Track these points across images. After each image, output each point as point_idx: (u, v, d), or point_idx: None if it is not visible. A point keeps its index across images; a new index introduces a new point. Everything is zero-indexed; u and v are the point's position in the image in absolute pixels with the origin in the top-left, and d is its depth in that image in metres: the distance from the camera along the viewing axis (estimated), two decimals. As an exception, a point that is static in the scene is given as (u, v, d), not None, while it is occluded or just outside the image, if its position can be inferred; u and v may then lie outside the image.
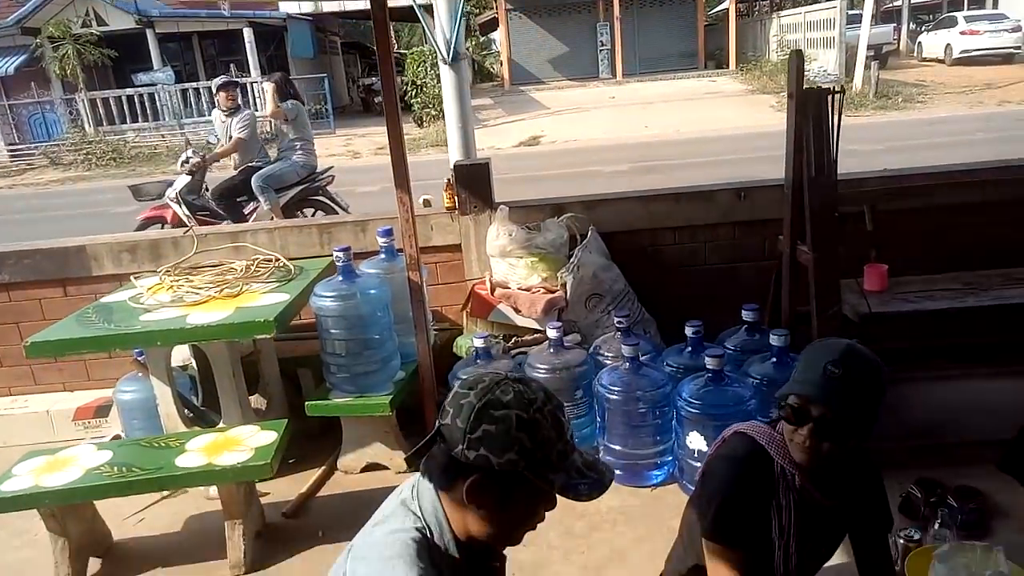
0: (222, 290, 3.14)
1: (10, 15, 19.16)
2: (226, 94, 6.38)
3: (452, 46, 3.85)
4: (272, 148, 6.87)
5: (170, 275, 3.28)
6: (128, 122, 17.45)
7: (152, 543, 2.94)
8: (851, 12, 18.51)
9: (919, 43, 23.15)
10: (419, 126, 16.60)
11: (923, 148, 9.88)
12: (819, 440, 1.67)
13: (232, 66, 18.29)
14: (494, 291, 3.60)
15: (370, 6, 2.96)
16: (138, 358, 3.36)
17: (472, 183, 3.73)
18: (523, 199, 3.97)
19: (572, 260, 3.55)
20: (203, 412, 3.43)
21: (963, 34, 20.25)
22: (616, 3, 22.41)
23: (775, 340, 2.96)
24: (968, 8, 25.97)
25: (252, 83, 17.02)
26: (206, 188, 6.37)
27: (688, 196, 3.87)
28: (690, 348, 3.18)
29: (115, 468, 2.66)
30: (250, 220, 5.96)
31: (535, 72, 23.86)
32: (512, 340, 3.51)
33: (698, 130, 13.69)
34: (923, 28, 25.75)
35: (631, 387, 2.97)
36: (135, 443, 2.97)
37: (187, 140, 8.48)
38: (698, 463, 2.72)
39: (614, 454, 3.07)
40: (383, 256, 3.43)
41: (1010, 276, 3.35)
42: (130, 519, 3.08)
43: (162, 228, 5.94)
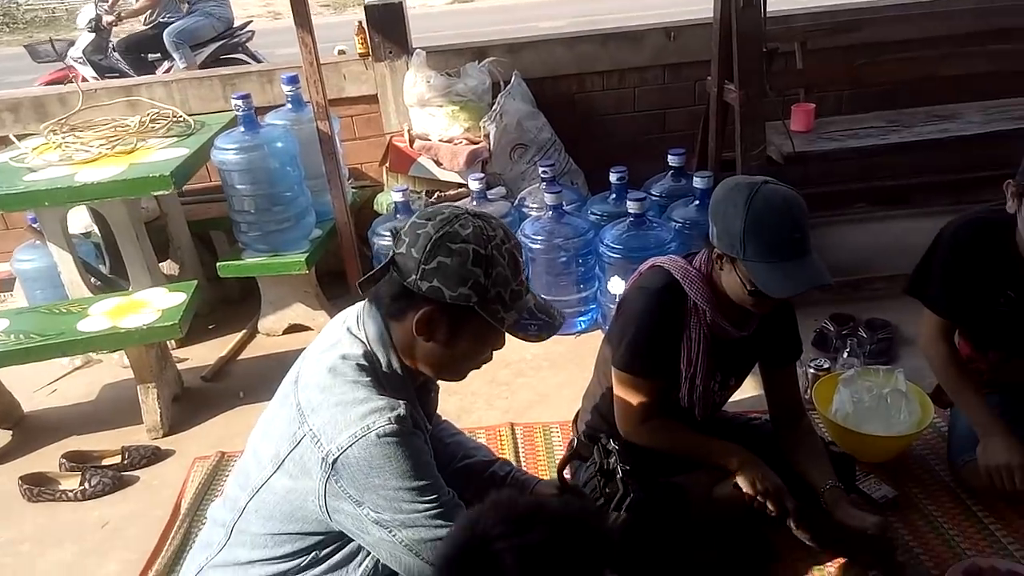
0: (114, 146, 2.91)
1: None
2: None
3: None
4: (183, 1, 6.32)
5: (55, 132, 3.01)
6: (20, -19, 15.84)
7: (65, 412, 2.85)
8: None
9: None
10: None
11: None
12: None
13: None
14: (413, 143, 3.42)
15: None
16: (32, 224, 3.14)
17: (385, 25, 3.46)
18: (441, 43, 3.71)
19: (495, 108, 3.38)
20: (111, 280, 3.27)
21: None
22: None
23: (698, 183, 2.92)
24: None
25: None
26: (113, 48, 5.86)
27: (616, 37, 3.67)
28: (614, 195, 3.11)
29: (12, 336, 2.53)
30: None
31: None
32: (434, 195, 3.38)
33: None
34: None
35: (553, 235, 2.91)
36: (34, 310, 2.83)
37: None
38: (619, 307, 2.72)
39: (539, 304, 3.05)
40: (289, 107, 3.20)
41: (933, 113, 3.32)
42: (42, 390, 2.98)
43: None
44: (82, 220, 3.34)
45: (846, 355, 2.50)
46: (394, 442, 1.30)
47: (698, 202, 2.92)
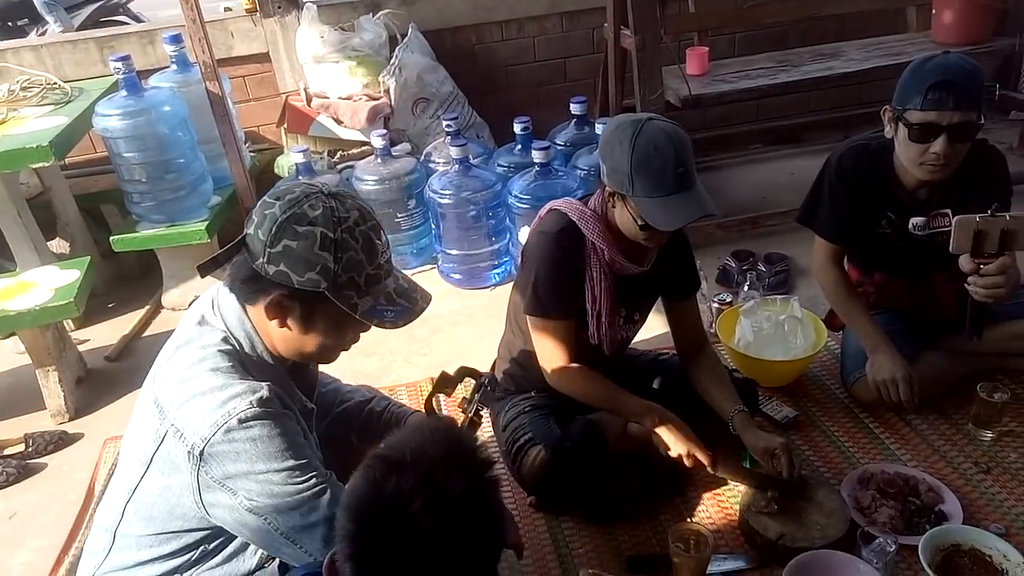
0: (-19, 119, 2.70)
1: None
2: None
3: None
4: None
5: (-89, 106, 2.76)
6: None
7: (-39, 404, 2.69)
8: None
9: None
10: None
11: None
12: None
13: None
14: (311, 102, 3.31)
15: None
16: None
17: (272, -22, 3.31)
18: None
19: (393, 62, 3.30)
20: (-7, 261, 3.07)
21: None
22: None
23: (600, 130, 2.95)
24: None
25: None
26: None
27: (513, -14, 3.64)
28: (520, 146, 3.12)
29: None
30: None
31: None
32: (337, 154, 3.30)
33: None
34: None
35: (461, 189, 2.90)
36: (-91, 299, 2.62)
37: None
38: (531, 257, 2.76)
39: (452, 259, 3.05)
40: (174, 68, 3.04)
41: (818, 52, 3.46)
42: (-71, 384, 2.80)
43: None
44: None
45: (747, 288, 2.62)
46: (258, 425, 1.26)
47: (601, 149, 2.96)
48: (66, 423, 2.52)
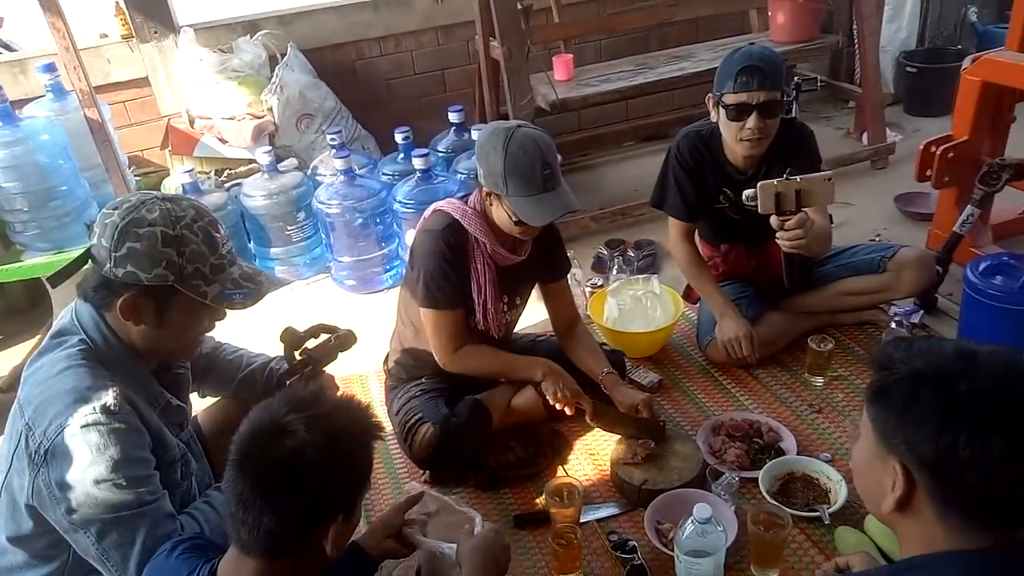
0: None
1: None
2: None
3: None
4: None
5: None
6: None
7: None
8: None
9: None
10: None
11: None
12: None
13: None
14: (194, 124, 3.38)
15: None
16: None
17: (146, 5, 3.35)
18: (208, 20, 3.65)
19: (274, 81, 3.41)
20: None
21: None
22: None
23: (476, 135, 3.15)
24: None
25: None
26: None
27: (387, 3, 3.78)
28: (402, 154, 3.28)
29: None
30: None
31: None
32: (224, 173, 3.37)
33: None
34: None
35: (347, 198, 3.04)
36: None
37: None
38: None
39: (344, 267, 3.18)
40: (50, 96, 3.05)
41: (673, 55, 3.78)
42: None
43: None
44: None
45: (615, 272, 2.87)
46: (96, 431, 1.30)
47: (478, 153, 3.16)
48: (-40, 456, 2.51)
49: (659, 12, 3.80)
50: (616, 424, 2.10)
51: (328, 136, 3.27)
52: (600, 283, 2.78)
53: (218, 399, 1.95)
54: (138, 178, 3.41)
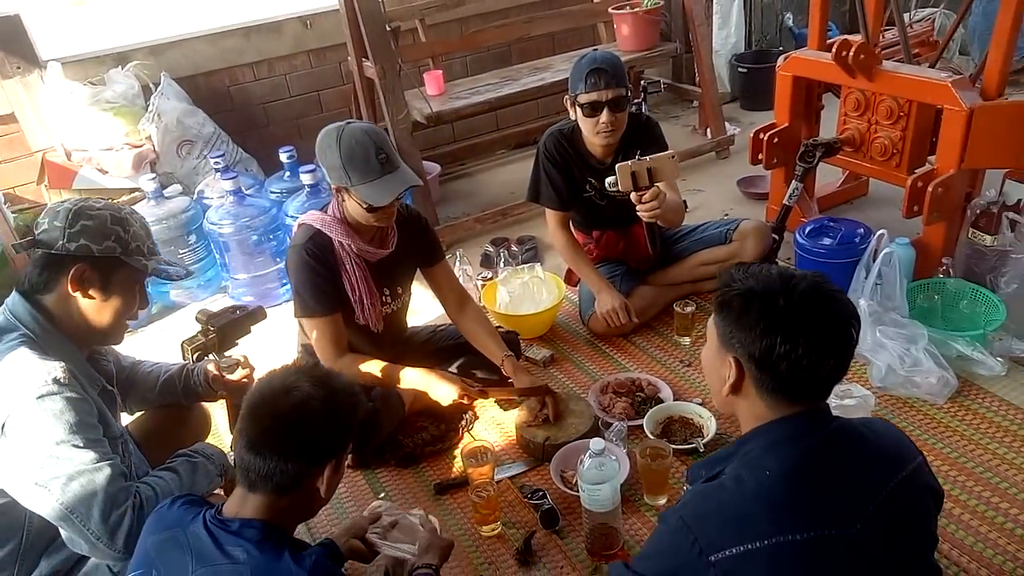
0: None
1: None
2: None
3: None
4: None
5: None
6: None
7: None
8: None
9: None
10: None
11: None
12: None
13: None
14: (71, 157, 3.36)
15: None
16: None
17: (5, 41, 3.30)
18: (75, 53, 3.63)
19: (151, 110, 3.45)
20: None
21: None
22: None
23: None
24: None
25: None
26: None
27: (257, 30, 3.90)
28: (288, 172, 3.41)
29: None
30: None
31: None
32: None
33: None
34: None
35: (239, 217, 3.14)
36: None
37: None
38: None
39: (241, 283, 3.27)
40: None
41: (534, 67, 4.11)
42: None
43: None
44: None
45: (503, 266, 3.14)
46: (50, 400, 1.44)
47: (363, 166, 3.34)
48: None
49: (517, 29, 4.13)
50: (509, 391, 2.32)
51: (212, 160, 3.36)
52: (490, 276, 3.04)
53: (143, 412, 2.05)
54: (14, 214, 3.34)
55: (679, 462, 2.14)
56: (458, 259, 3.06)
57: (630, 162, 2.34)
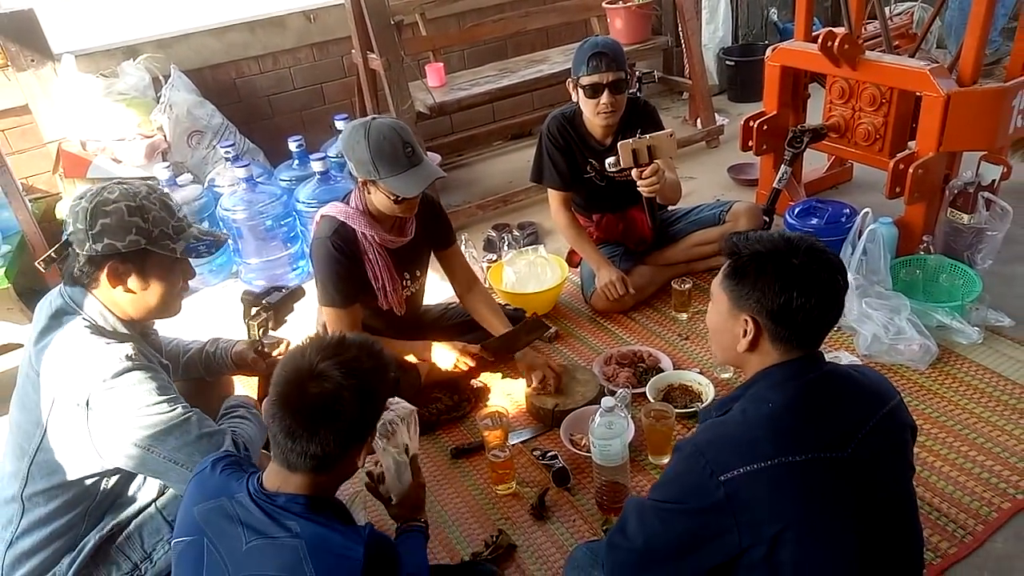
0: None
1: None
2: None
3: None
4: None
5: None
6: None
7: None
8: None
9: None
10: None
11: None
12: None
13: None
14: (86, 147, 3.46)
15: None
16: None
17: (19, 34, 3.40)
18: (86, 46, 3.73)
19: (163, 101, 3.55)
20: None
21: None
22: None
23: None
24: None
25: None
26: None
27: (262, 24, 4.00)
28: (297, 161, 3.53)
29: None
30: None
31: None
32: (121, 179, 3.47)
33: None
34: None
35: (252, 204, 3.26)
36: None
37: None
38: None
39: (253, 268, 3.38)
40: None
41: (531, 59, 4.25)
42: None
43: None
44: None
45: (506, 248, 3.27)
46: (128, 374, 1.56)
47: (370, 155, 3.47)
48: None
49: (514, 23, 4.26)
50: (505, 345, 2.44)
51: (222, 149, 3.47)
52: (495, 258, 3.17)
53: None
54: (30, 203, 3.43)
55: (680, 425, 2.29)
56: (463, 244, 3.19)
57: (631, 140, 2.49)
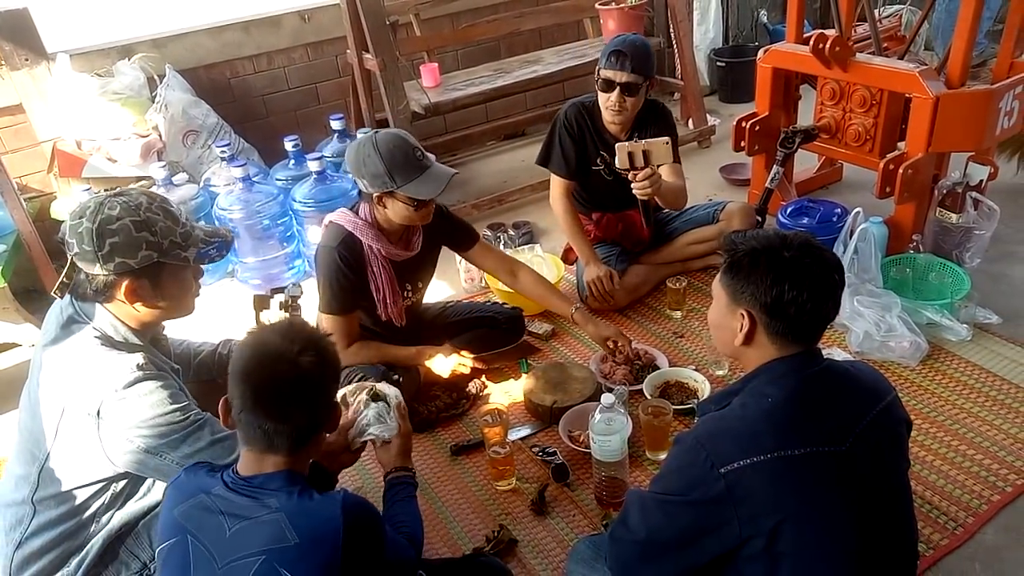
0: None
1: None
2: None
3: None
4: None
5: None
6: None
7: None
8: None
9: None
10: None
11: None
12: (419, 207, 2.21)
13: None
14: (81, 146, 3.46)
15: None
16: None
17: (14, 33, 3.39)
18: (80, 46, 3.72)
19: (158, 100, 3.56)
20: None
21: None
22: None
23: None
24: None
25: None
26: None
27: (256, 24, 4.01)
28: (293, 160, 3.53)
29: None
30: None
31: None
32: (116, 189, 3.47)
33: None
34: None
35: (249, 203, 3.26)
36: None
37: None
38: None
39: (249, 268, 3.39)
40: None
41: (525, 60, 4.28)
42: None
43: None
44: None
45: (502, 247, 3.29)
46: (140, 383, 1.56)
47: (366, 154, 3.48)
48: None
49: (508, 23, 4.29)
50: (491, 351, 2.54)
51: (217, 149, 3.48)
52: (492, 256, 3.19)
53: None
54: (25, 202, 3.42)
55: (677, 421, 2.32)
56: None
57: (627, 143, 2.52)
